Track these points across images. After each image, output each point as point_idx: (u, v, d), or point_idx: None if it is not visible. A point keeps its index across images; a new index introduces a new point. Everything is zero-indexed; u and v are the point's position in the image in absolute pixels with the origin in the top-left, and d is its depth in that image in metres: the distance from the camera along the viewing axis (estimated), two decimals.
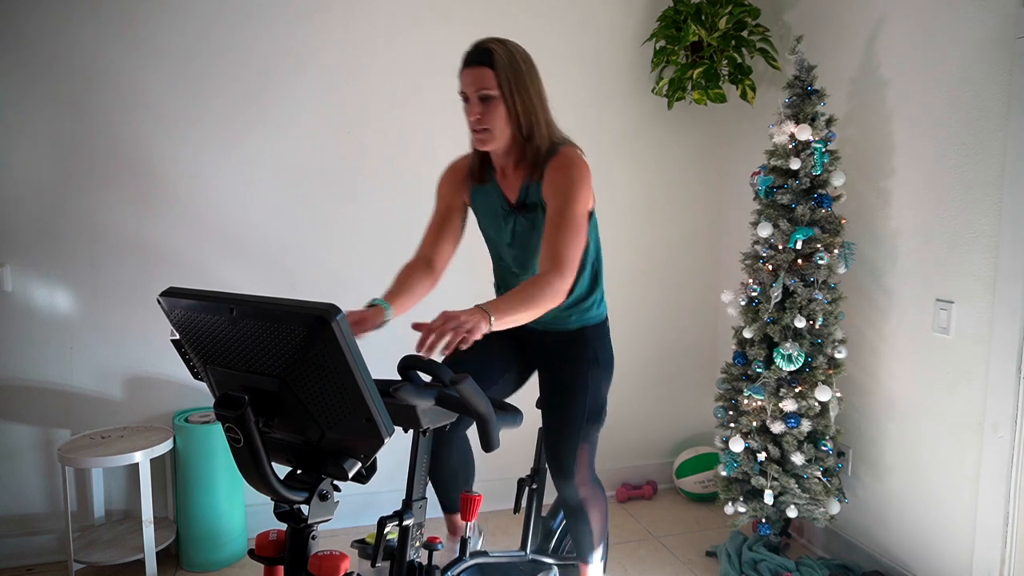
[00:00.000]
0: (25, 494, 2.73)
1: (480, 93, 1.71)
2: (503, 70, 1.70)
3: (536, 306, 1.57)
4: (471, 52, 1.73)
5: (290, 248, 2.91)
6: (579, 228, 1.70)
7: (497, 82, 1.69)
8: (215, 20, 2.75)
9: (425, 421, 1.49)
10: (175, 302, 1.28)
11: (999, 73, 2.16)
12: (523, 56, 1.75)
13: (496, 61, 1.69)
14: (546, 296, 1.59)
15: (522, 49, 1.76)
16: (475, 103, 1.73)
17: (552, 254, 1.66)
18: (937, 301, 2.38)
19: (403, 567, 1.54)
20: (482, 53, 1.70)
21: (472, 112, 1.74)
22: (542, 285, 1.60)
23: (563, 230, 1.68)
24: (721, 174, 3.42)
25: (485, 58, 1.70)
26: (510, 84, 1.71)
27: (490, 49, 1.70)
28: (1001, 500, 2.19)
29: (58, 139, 2.64)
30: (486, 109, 1.72)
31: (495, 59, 1.69)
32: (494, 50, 1.70)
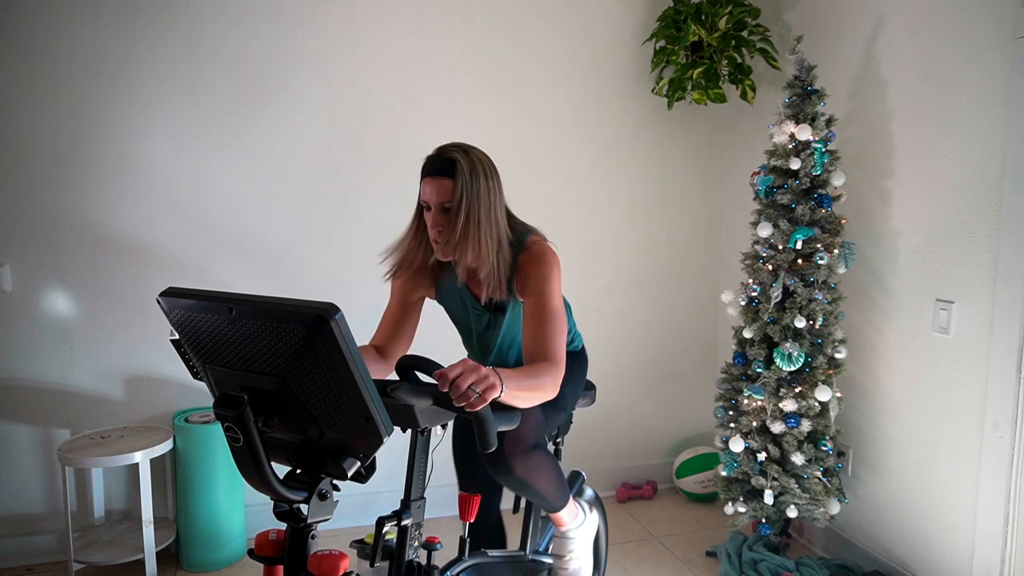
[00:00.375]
0: (25, 494, 2.73)
1: (443, 205, 1.67)
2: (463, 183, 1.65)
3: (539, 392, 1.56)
4: (433, 161, 1.69)
5: (290, 248, 2.92)
6: (560, 317, 1.70)
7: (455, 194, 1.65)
8: (215, 20, 2.75)
9: (423, 420, 1.49)
10: (174, 302, 1.28)
11: (999, 73, 2.16)
12: (484, 165, 1.70)
13: (457, 173, 1.66)
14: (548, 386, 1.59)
15: (484, 156, 1.72)
16: (436, 214, 1.69)
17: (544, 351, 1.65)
18: (937, 301, 2.38)
19: (402, 567, 1.54)
20: (444, 164, 1.66)
21: (434, 223, 1.69)
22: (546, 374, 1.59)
23: (547, 326, 1.68)
24: (721, 174, 3.42)
25: (447, 169, 1.66)
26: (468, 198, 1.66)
27: (453, 159, 1.66)
28: (1001, 500, 2.19)
29: (58, 138, 2.64)
30: (448, 219, 1.68)
31: (457, 171, 1.66)
32: (457, 160, 1.66)
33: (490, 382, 1.37)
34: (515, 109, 3.10)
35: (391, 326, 1.91)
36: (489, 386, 1.37)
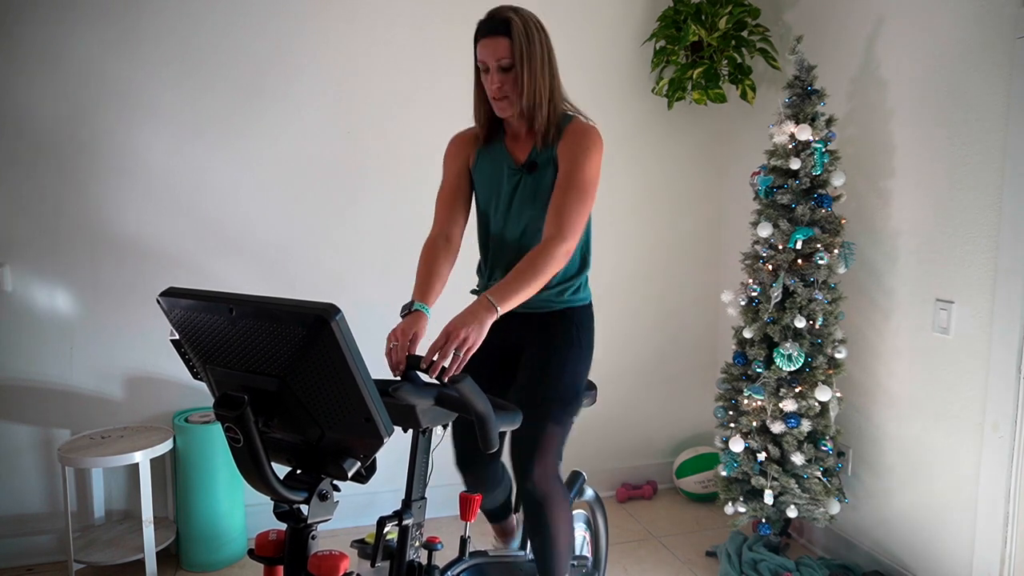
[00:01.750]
0: (25, 494, 2.73)
1: (500, 63, 1.74)
2: (519, 39, 1.73)
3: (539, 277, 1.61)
4: (487, 22, 1.75)
5: (290, 248, 2.92)
6: (588, 193, 1.74)
7: (514, 51, 1.73)
8: (215, 20, 2.75)
9: (425, 421, 1.49)
10: (175, 302, 1.28)
11: (999, 73, 2.16)
12: (537, 26, 1.78)
13: (513, 30, 1.72)
14: (548, 264, 1.63)
15: (535, 17, 1.79)
16: (495, 73, 1.75)
17: (558, 218, 1.70)
18: (937, 301, 2.38)
19: (402, 567, 1.54)
20: (499, 23, 1.73)
21: (493, 81, 1.76)
22: (543, 255, 1.64)
23: (572, 193, 1.73)
24: (721, 174, 3.42)
25: (503, 28, 1.72)
26: (525, 54, 1.74)
27: (507, 19, 1.73)
28: (1001, 500, 2.19)
29: (58, 138, 2.64)
30: (506, 78, 1.75)
31: (512, 29, 1.72)
32: (511, 19, 1.73)
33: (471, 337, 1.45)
34: None
35: (449, 200, 1.94)
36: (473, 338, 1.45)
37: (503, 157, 1.91)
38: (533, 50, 1.75)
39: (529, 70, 1.74)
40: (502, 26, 1.72)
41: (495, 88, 1.77)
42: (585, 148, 1.77)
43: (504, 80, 1.75)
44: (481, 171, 1.95)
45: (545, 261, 1.64)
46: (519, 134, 1.89)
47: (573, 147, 1.78)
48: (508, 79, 1.75)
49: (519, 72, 1.74)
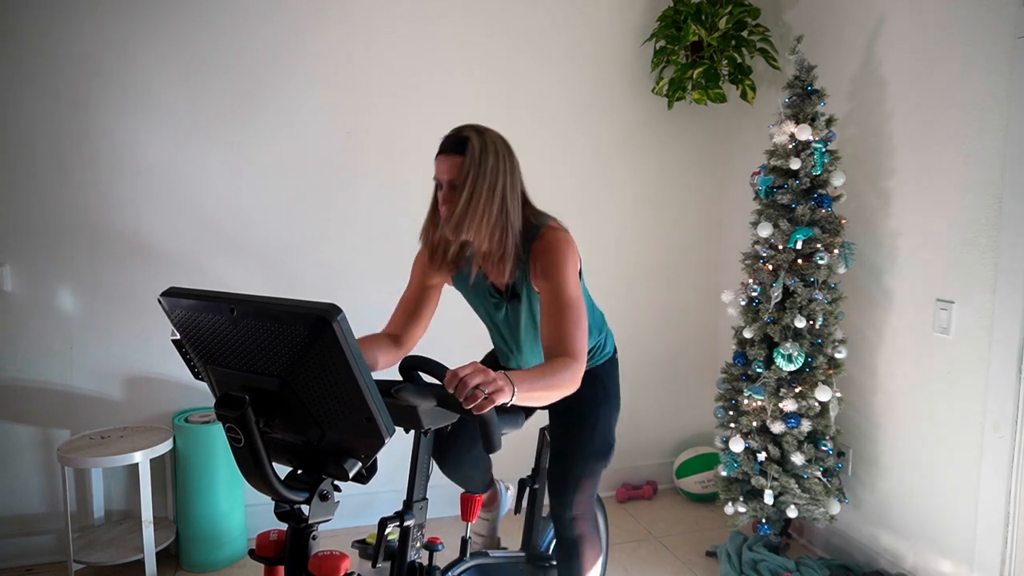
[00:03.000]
0: (25, 494, 2.73)
1: (453, 183, 1.66)
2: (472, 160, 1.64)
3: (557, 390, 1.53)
4: (447, 140, 1.69)
5: (290, 248, 2.91)
6: (578, 307, 1.66)
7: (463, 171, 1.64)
8: (215, 20, 2.75)
9: (426, 422, 1.48)
10: (176, 302, 1.28)
11: (999, 73, 2.16)
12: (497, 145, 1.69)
13: (467, 150, 1.65)
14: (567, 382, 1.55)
15: (499, 138, 1.71)
16: (446, 191, 1.68)
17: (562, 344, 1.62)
18: (937, 301, 2.38)
19: (404, 567, 1.54)
20: (456, 142, 1.66)
21: (443, 200, 1.68)
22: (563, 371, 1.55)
23: (565, 317, 1.64)
24: (721, 174, 3.42)
25: (458, 147, 1.65)
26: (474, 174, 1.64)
27: (465, 138, 1.66)
28: (1001, 500, 2.19)
29: (58, 138, 2.64)
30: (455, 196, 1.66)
31: (467, 148, 1.65)
32: (469, 138, 1.66)
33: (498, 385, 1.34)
34: (515, 109, 3.10)
35: (408, 310, 1.89)
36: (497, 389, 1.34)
37: (481, 282, 1.85)
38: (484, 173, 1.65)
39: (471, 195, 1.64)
40: (458, 145, 1.66)
41: (444, 207, 1.68)
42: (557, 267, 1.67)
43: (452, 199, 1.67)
44: (464, 290, 1.91)
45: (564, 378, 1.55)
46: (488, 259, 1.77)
47: (547, 268, 1.68)
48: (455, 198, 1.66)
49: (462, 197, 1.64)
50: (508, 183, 1.69)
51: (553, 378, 1.51)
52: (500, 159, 1.68)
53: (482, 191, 1.64)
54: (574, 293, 1.66)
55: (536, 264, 1.70)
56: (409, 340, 1.87)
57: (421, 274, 1.88)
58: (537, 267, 1.70)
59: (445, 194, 1.67)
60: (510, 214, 1.69)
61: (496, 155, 1.67)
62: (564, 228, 1.76)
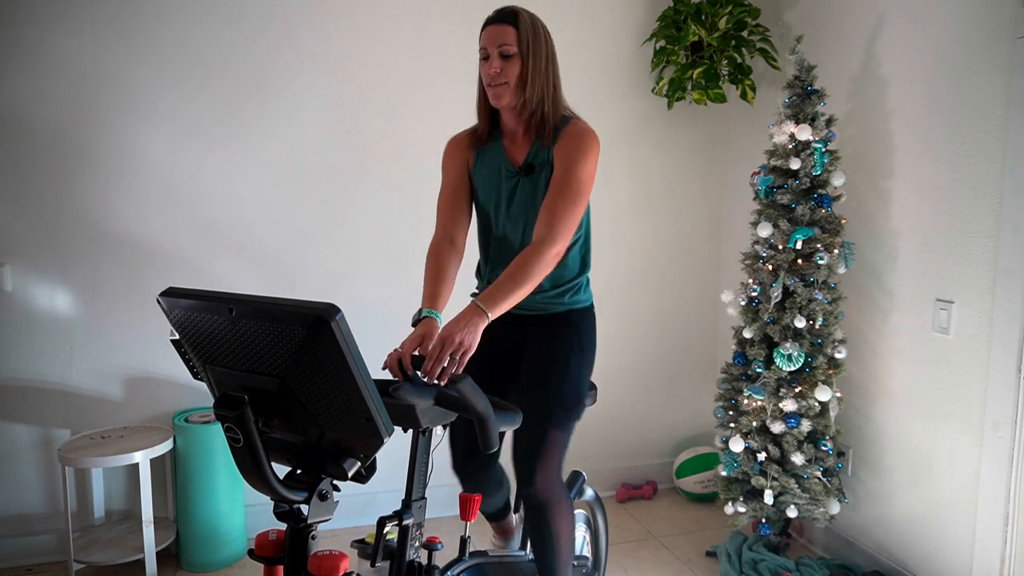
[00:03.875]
0: (25, 494, 2.73)
1: (501, 49, 1.76)
2: (526, 32, 1.77)
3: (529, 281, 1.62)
4: (497, 12, 1.80)
5: (290, 248, 2.91)
6: (581, 195, 1.75)
7: (519, 41, 1.76)
8: (214, 20, 2.75)
9: (424, 420, 1.49)
10: (175, 302, 1.28)
11: (999, 73, 2.16)
12: (543, 27, 1.82)
13: (520, 22, 1.77)
14: (537, 267, 1.64)
15: (542, 22, 1.83)
16: (495, 58, 1.77)
17: (549, 219, 1.71)
18: (937, 301, 2.38)
19: (403, 567, 1.54)
20: (508, 13, 1.78)
21: (492, 66, 1.77)
22: (532, 259, 1.65)
23: (565, 195, 1.73)
24: (721, 174, 3.42)
25: (510, 18, 1.77)
26: (530, 45, 1.77)
27: (515, 11, 1.78)
28: (1001, 500, 2.19)
29: (58, 138, 2.64)
30: (505, 65, 1.77)
31: (519, 20, 1.77)
32: (519, 12, 1.78)
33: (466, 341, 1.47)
34: None
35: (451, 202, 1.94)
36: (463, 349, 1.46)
37: (501, 159, 1.91)
38: (539, 45, 1.79)
39: (533, 64, 1.77)
40: (510, 16, 1.77)
41: (492, 73, 1.77)
42: (582, 150, 1.77)
43: (503, 66, 1.77)
44: (480, 173, 1.94)
45: (534, 264, 1.65)
46: (516, 135, 1.89)
47: (570, 149, 1.78)
48: (508, 66, 1.77)
49: (523, 64, 1.77)
50: (554, 62, 1.85)
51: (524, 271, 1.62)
52: (548, 37, 1.83)
53: (541, 58, 1.79)
54: (585, 179, 1.77)
55: (563, 143, 1.80)
56: (460, 235, 1.93)
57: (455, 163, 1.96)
58: (563, 146, 1.80)
59: (494, 62, 1.77)
60: (557, 86, 1.84)
61: (545, 33, 1.82)
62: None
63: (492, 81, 1.78)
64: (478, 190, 1.96)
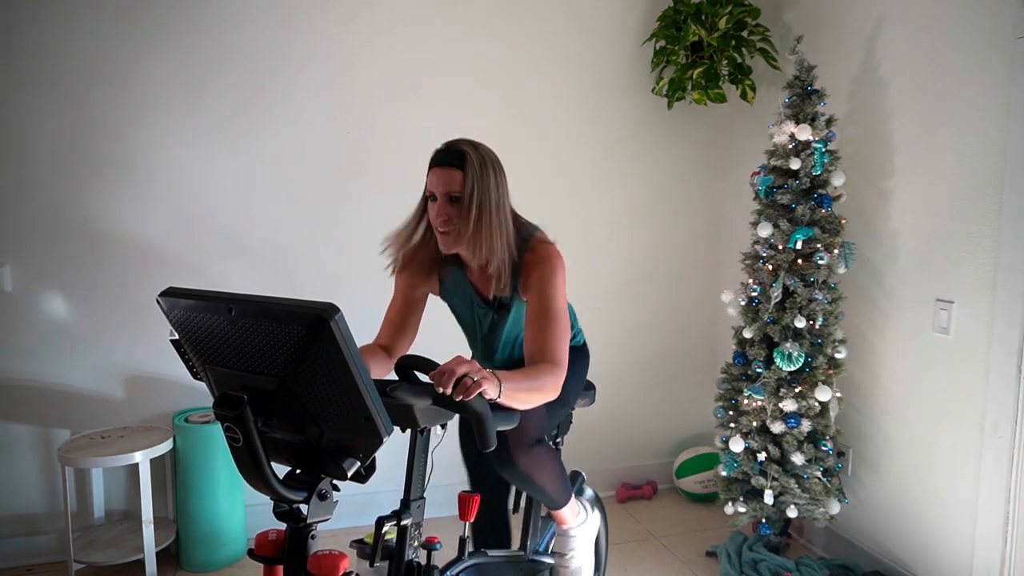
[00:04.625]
0: (25, 494, 2.73)
1: (451, 194, 1.68)
2: (473, 175, 1.67)
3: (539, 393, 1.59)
4: (442, 153, 1.71)
5: (290, 247, 2.92)
6: (564, 322, 1.71)
7: (464, 185, 1.67)
8: (215, 20, 2.75)
9: (423, 420, 1.49)
10: (174, 302, 1.28)
11: (999, 73, 2.16)
12: (493, 161, 1.73)
13: (468, 165, 1.67)
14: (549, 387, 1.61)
15: (492, 153, 1.74)
16: (443, 204, 1.70)
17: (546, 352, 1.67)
18: (937, 301, 2.38)
19: (402, 567, 1.54)
20: (454, 155, 1.69)
21: (440, 213, 1.70)
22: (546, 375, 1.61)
23: (551, 327, 1.69)
24: (721, 174, 3.42)
25: (457, 160, 1.68)
26: (477, 190, 1.67)
27: (462, 152, 1.69)
28: (1001, 500, 2.19)
29: (59, 138, 2.64)
30: (453, 210, 1.69)
31: (466, 163, 1.67)
32: (467, 153, 1.68)
33: (484, 375, 1.40)
34: (515, 109, 3.10)
35: (396, 322, 1.92)
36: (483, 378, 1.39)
37: (468, 289, 1.88)
38: (487, 188, 1.68)
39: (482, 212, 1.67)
40: (457, 159, 1.68)
41: (440, 220, 1.69)
42: (548, 280, 1.71)
43: (451, 212, 1.69)
44: (453, 300, 1.93)
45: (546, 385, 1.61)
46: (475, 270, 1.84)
47: (536, 281, 1.72)
48: (455, 211, 1.69)
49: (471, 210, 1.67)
50: (505, 198, 1.74)
51: (536, 381, 1.58)
52: (497, 174, 1.73)
53: (489, 207, 1.68)
54: (561, 305, 1.72)
55: (527, 275, 1.75)
56: (399, 351, 1.90)
57: (406, 285, 1.90)
58: (528, 278, 1.74)
59: (442, 207, 1.69)
60: (508, 229, 1.73)
61: (493, 170, 1.72)
62: (551, 240, 1.80)
63: (441, 227, 1.71)
64: (454, 311, 1.96)
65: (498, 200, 1.71)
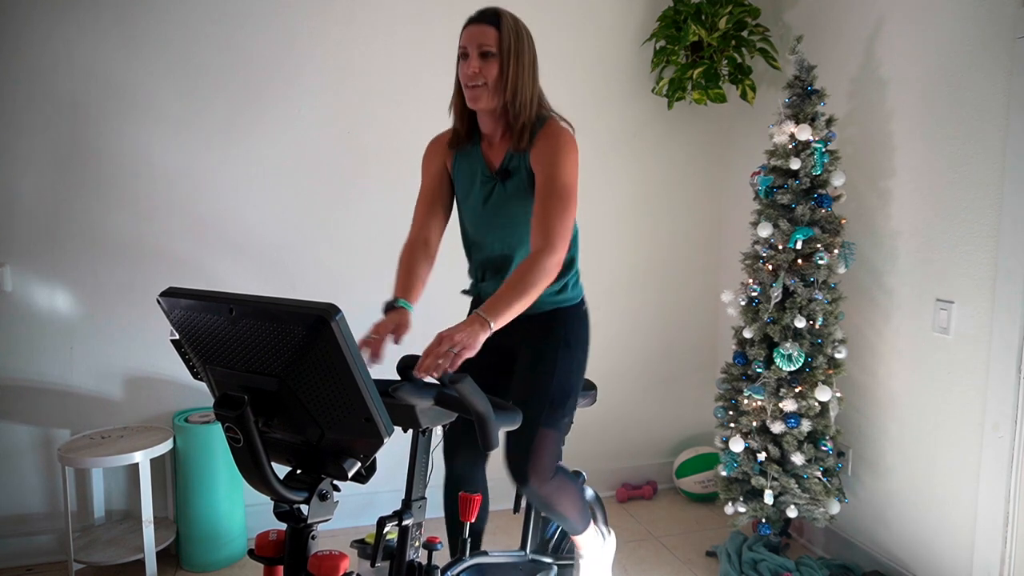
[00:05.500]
0: (25, 494, 2.73)
1: (482, 49, 1.74)
2: (507, 33, 1.74)
3: (531, 291, 1.60)
4: (479, 11, 1.78)
5: (290, 248, 2.92)
6: (570, 199, 1.72)
7: (499, 42, 1.74)
8: (214, 21, 2.75)
9: (424, 421, 1.49)
10: (175, 302, 1.28)
11: (999, 73, 2.16)
12: (525, 29, 1.80)
13: (502, 23, 1.75)
14: (539, 277, 1.62)
15: (524, 24, 1.81)
16: (474, 58, 1.75)
17: (544, 229, 1.68)
18: (937, 301, 2.38)
19: (403, 567, 1.54)
20: (490, 14, 1.76)
21: (470, 66, 1.74)
22: (533, 268, 1.63)
23: (554, 202, 1.70)
24: (721, 174, 3.42)
25: (492, 18, 1.75)
26: (511, 47, 1.74)
27: (497, 11, 1.76)
28: (1001, 500, 2.19)
29: (58, 139, 2.64)
30: (484, 65, 1.74)
31: (501, 21, 1.75)
32: (501, 13, 1.76)
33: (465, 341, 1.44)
34: None
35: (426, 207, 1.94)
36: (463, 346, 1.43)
37: (478, 163, 1.89)
38: (521, 47, 1.76)
39: (514, 66, 1.74)
40: (492, 17, 1.75)
41: (471, 73, 1.74)
42: (560, 153, 1.73)
43: (482, 66, 1.74)
44: (458, 176, 1.94)
45: (536, 274, 1.62)
46: (493, 139, 1.86)
47: (548, 153, 1.74)
48: (487, 67, 1.74)
49: (504, 64, 1.74)
50: (535, 64, 1.81)
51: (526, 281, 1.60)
52: (530, 42, 1.80)
53: (523, 61, 1.75)
54: (569, 182, 1.73)
55: (540, 148, 1.77)
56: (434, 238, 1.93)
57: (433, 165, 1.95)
58: (540, 151, 1.76)
59: (474, 62, 1.75)
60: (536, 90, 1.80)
61: (527, 37, 1.79)
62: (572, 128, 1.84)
63: (470, 81, 1.75)
64: (457, 193, 1.96)
65: (531, 60, 1.78)
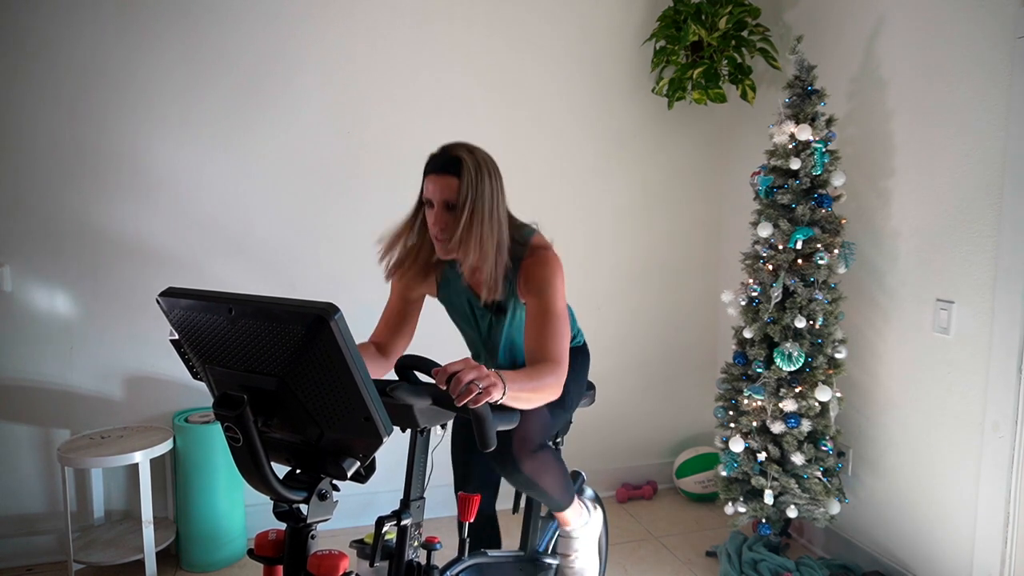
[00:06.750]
0: (25, 494, 2.73)
1: (447, 203, 1.67)
2: (468, 181, 1.65)
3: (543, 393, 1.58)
4: (438, 158, 1.69)
5: (290, 248, 2.92)
6: (564, 322, 1.71)
7: (459, 192, 1.65)
8: (214, 20, 2.75)
9: (422, 420, 1.49)
10: (174, 302, 1.28)
11: (999, 73, 2.16)
12: (489, 166, 1.71)
13: (463, 172, 1.65)
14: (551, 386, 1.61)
15: (488, 157, 1.72)
16: (440, 212, 1.68)
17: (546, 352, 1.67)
18: (937, 301, 2.38)
19: (401, 567, 1.54)
20: (450, 162, 1.66)
21: (437, 221, 1.68)
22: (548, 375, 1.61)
23: (551, 329, 1.69)
24: (721, 174, 3.42)
25: (453, 167, 1.65)
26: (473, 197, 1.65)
27: (459, 158, 1.66)
28: (1001, 500, 2.19)
29: (58, 139, 2.64)
30: (450, 219, 1.68)
31: (462, 169, 1.65)
32: (463, 159, 1.66)
33: (491, 380, 1.39)
34: (515, 109, 3.10)
35: (392, 323, 1.91)
36: (491, 384, 1.38)
37: (465, 292, 1.87)
38: (482, 194, 1.66)
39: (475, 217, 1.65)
40: (453, 165, 1.65)
41: (438, 228, 1.68)
42: (547, 282, 1.71)
43: (447, 220, 1.67)
44: (449, 301, 1.93)
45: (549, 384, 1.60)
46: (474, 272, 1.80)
47: (535, 284, 1.72)
48: (451, 219, 1.67)
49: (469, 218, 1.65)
50: (500, 203, 1.73)
51: (539, 381, 1.57)
52: (493, 179, 1.70)
53: (482, 214, 1.67)
54: (561, 307, 1.72)
55: (526, 279, 1.74)
56: (394, 351, 1.90)
57: (402, 288, 1.90)
58: (528, 282, 1.74)
59: (438, 215, 1.68)
60: (503, 234, 1.72)
61: (489, 176, 1.69)
62: (547, 242, 1.80)
63: (439, 235, 1.70)
64: (451, 314, 1.96)
65: (492, 206, 1.69)
